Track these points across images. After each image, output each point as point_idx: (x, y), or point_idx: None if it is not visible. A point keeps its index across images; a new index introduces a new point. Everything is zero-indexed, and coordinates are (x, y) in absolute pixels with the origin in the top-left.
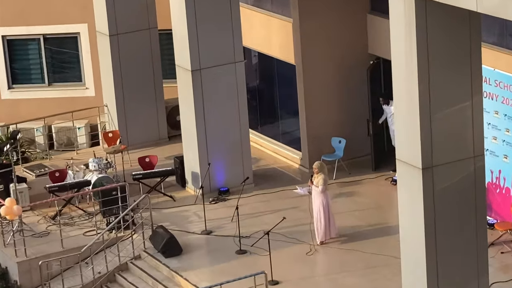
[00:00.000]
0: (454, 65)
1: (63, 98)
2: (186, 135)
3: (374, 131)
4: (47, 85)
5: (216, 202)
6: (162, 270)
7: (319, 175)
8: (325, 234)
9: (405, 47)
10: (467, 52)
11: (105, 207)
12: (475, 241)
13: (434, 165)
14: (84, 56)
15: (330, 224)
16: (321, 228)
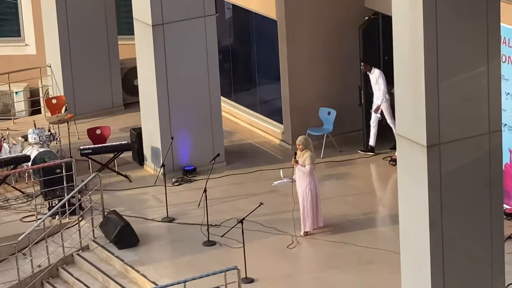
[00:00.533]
0: (466, 23)
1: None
2: (145, 102)
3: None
4: None
5: (180, 184)
6: (115, 263)
7: (305, 152)
8: (312, 224)
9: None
10: (482, 7)
11: (47, 187)
12: (489, 233)
13: (442, 143)
14: (23, 6)
15: (318, 212)
16: (307, 216)
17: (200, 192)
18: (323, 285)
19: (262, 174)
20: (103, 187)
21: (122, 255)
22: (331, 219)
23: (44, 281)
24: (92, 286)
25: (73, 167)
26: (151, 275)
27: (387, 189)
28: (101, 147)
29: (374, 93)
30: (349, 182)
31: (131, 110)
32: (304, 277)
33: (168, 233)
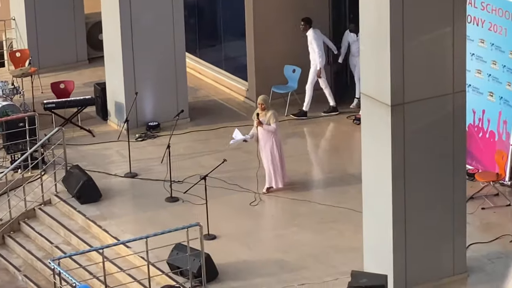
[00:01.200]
0: None
1: None
2: (109, 57)
3: (335, 59)
4: None
5: (143, 139)
6: (77, 218)
7: (268, 111)
8: (277, 181)
9: None
10: None
11: (10, 141)
12: (451, 194)
13: (406, 102)
14: None
15: (283, 170)
16: (275, 174)
17: (163, 148)
18: (285, 242)
19: (226, 131)
20: (66, 141)
21: (84, 210)
22: (294, 177)
23: (6, 235)
24: (54, 240)
25: (36, 121)
26: (113, 230)
27: (351, 148)
28: (64, 102)
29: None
30: (313, 141)
31: (96, 64)
32: (266, 234)
33: (130, 189)
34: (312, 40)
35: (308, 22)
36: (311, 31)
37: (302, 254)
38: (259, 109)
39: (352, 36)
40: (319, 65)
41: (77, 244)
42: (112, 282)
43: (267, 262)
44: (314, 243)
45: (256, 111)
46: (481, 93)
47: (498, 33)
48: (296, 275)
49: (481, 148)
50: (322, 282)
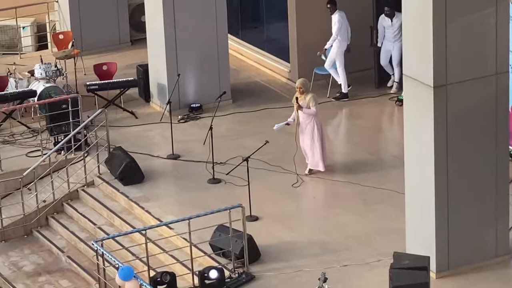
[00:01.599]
0: None
1: None
2: (152, 39)
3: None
4: None
5: (186, 121)
6: (120, 200)
7: (307, 94)
8: (318, 164)
9: None
10: None
11: (53, 123)
12: (494, 176)
13: (448, 83)
14: None
15: (324, 152)
16: (317, 156)
17: (205, 130)
18: (327, 224)
19: (268, 113)
20: (109, 123)
21: (127, 192)
22: (336, 159)
23: (49, 216)
24: (97, 221)
25: (79, 102)
26: (155, 211)
27: (393, 130)
28: (107, 83)
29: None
30: (355, 122)
31: (138, 46)
32: (308, 216)
33: (173, 170)
34: (336, 22)
35: (334, 4)
36: (336, 14)
37: (344, 236)
38: (297, 93)
39: (387, 20)
40: (327, 45)
41: (120, 225)
42: (155, 263)
43: (309, 243)
44: (356, 225)
45: (295, 95)
46: None
47: None
48: (338, 256)
49: None
50: (364, 263)
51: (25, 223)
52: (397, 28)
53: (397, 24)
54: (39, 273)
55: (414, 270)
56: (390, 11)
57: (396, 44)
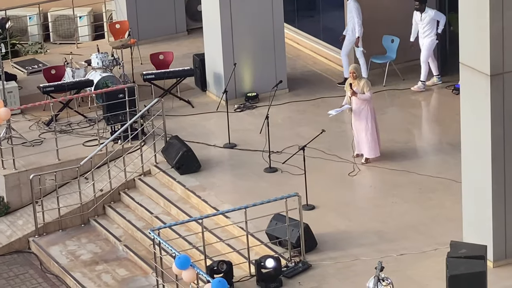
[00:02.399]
0: None
1: None
2: (208, 28)
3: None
4: None
5: (242, 110)
6: (176, 189)
7: (360, 80)
8: (375, 150)
9: None
10: None
11: (110, 112)
12: None
13: (506, 72)
14: None
15: (379, 138)
16: (371, 143)
17: (262, 119)
18: (383, 213)
19: (324, 102)
20: (166, 112)
21: (184, 181)
22: (393, 147)
23: (106, 205)
24: (154, 211)
25: (135, 92)
26: (212, 200)
27: (450, 118)
28: (164, 73)
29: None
30: (411, 111)
31: (194, 36)
32: (364, 204)
33: (229, 159)
34: (353, 9)
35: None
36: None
37: (401, 225)
38: (351, 79)
39: (417, 15)
40: (358, 34)
41: (177, 214)
42: (212, 252)
43: (365, 232)
44: (413, 214)
45: (348, 81)
46: None
47: None
48: (395, 245)
49: None
50: (421, 252)
51: (82, 212)
52: (426, 24)
53: (426, 20)
54: (96, 262)
55: (471, 259)
56: (420, 6)
57: (425, 40)
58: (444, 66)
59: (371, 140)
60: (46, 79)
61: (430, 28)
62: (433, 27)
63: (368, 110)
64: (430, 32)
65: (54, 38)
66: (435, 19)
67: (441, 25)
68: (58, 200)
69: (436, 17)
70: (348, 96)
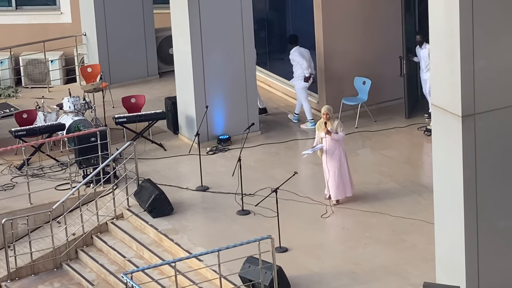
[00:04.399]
0: None
1: (33, 24)
2: (180, 71)
3: (408, 71)
4: (14, 8)
5: (214, 153)
6: (149, 232)
7: (333, 120)
8: (346, 191)
9: None
10: None
11: (82, 156)
12: None
13: (477, 112)
14: None
15: (351, 178)
16: (344, 183)
17: (234, 161)
18: (356, 254)
19: (296, 144)
20: (138, 155)
21: (156, 224)
22: (365, 189)
23: (79, 249)
24: (126, 254)
25: (107, 135)
26: (185, 243)
27: (422, 159)
28: (135, 116)
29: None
30: (383, 152)
31: (166, 79)
32: (337, 247)
33: (202, 202)
34: (297, 57)
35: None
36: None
37: (374, 266)
38: (323, 119)
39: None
40: (306, 74)
41: (150, 257)
42: None
43: (338, 274)
44: (386, 255)
45: (320, 122)
46: None
47: None
48: (368, 287)
49: None
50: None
51: (55, 256)
52: (427, 57)
53: (426, 53)
54: None
55: None
56: (420, 40)
57: (426, 74)
58: (415, 107)
59: (342, 181)
60: (18, 123)
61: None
62: None
63: (341, 151)
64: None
65: (25, 82)
66: None
67: None
68: (31, 245)
69: None
70: (319, 137)
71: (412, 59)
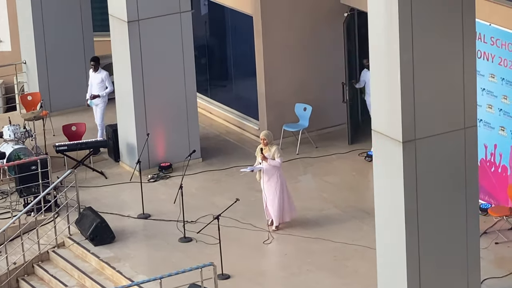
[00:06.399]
0: (442, 19)
1: None
2: (120, 99)
3: (350, 97)
4: None
5: (155, 180)
6: (91, 260)
7: (272, 146)
8: (284, 216)
9: None
10: (458, 3)
11: (23, 184)
12: (465, 229)
13: (417, 138)
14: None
15: (290, 203)
16: (281, 209)
17: (176, 189)
18: (299, 281)
19: (238, 171)
20: (79, 183)
21: (98, 252)
22: (307, 215)
23: (20, 278)
24: (68, 283)
25: (48, 163)
26: (127, 271)
27: (363, 185)
28: (76, 144)
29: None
30: (325, 178)
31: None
32: (280, 273)
33: (144, 230)
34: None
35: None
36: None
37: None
38: (262, 145)
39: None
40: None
41: (91, 286)
42: None
43: None
44: (328, 281)
45: (260, 147)
46: (493, 127)
47: (509, 67)
48: None
49: (493, 183)
50: None
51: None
52: None
53: None
54: None
55: None
56: (367, 63)
57: None
58: (356, 133)
59: (280, 207)
60: None
61: None
62: None
63: (278, 177)
64: None
65: None
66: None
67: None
68: None
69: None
70: (258, 162)
71: (355, 85)
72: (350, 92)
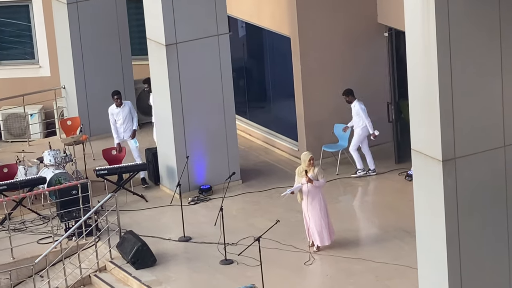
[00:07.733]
0: (480, 36)
1: (12, 79)
2: (159, 122)
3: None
4: None
5: (196, 203)
6: (132, 284)
7: (314, 167)
8: (325, 238)
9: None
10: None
11: (64, 209)
12: (507, 248)
13: (457, 157)
14: (37, 29)
15: (330, 225)
16: (323, 230)
17: (216, 211)
18: None
19: (277, 192)
20: (119, 207)
21: (139, 275)
22: (347, 235)
23: None
24: None
25: (89, 188)
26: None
27: (404, 205)
28: (116, 168)
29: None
30: (365, 198)
31: (146, 130)
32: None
33: (185, 253)
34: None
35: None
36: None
37: None
38: (306, 165)
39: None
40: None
41: None
42: None
43: None
44: None
45: (303, 168)
46: None
47: None
48: None
49: None
50: None
51: None
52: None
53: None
54: None
55: None
56: (347, 98)
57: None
58: (397, 153)
59: (323, 228)
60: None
61: (359, 119)
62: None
63: (321, 197)
64: (359, 122)
65: (5, 136)
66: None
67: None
68: None
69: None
70: (298, 183)
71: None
72: (396, 111)
